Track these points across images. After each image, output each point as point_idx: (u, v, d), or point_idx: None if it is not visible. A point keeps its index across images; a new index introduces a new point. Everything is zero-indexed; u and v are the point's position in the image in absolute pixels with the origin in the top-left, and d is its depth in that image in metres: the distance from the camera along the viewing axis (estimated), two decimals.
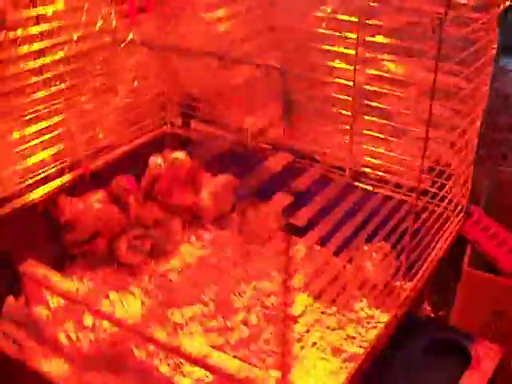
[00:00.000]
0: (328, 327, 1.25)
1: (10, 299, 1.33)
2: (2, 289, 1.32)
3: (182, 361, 1.13)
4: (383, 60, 1.22)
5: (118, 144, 1.54)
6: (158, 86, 1.60)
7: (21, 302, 1.33)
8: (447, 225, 1.23)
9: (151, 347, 1.17)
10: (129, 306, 1.31)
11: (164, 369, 1.15)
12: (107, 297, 1.34)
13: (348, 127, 1.33)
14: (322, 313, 1.28)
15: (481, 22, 1.03)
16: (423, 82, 1.18)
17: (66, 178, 1.42)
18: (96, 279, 1.39)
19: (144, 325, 1.12)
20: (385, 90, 1.23)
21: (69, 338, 1.24)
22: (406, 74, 1.21)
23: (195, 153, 1.55)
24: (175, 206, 1.49)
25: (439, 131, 1.20)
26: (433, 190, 1.22)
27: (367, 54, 1.23)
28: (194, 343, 1.01)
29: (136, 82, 1.53)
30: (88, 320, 1.27)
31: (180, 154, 1.55)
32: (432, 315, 1.84)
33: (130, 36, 1.44)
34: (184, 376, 1.13)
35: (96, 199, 1.40)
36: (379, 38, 1.21)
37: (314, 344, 1.21)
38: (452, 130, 1.18)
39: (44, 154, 1.37)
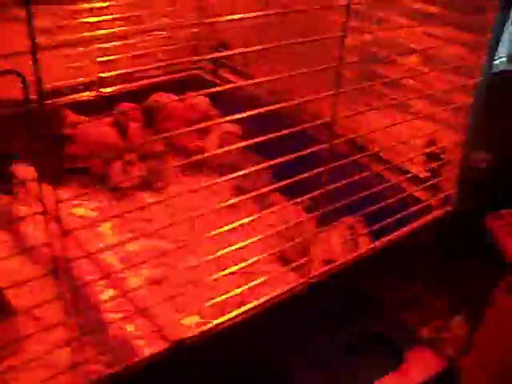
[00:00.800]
0: None
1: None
2: None
3: None
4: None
5: (143, 76, 1.56)
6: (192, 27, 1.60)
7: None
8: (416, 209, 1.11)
9: None
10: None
11: None
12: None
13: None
14: None
15: None
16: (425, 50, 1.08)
17: (79, 96, 1.47)
18: (84, 196, 1.43)
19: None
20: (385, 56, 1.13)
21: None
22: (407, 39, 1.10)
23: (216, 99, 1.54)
24: (179, 146, 1.49)
25: (436, 107, 1.09)
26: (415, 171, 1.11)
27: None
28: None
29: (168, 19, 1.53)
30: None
31: (200, 99, 1.54)
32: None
33: None
34: None
35: (100, 121, 1.44)
36: None
37: None
38: (447, 105, 1.06)
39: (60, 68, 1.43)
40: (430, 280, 1.25)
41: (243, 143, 0.94)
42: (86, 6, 1.40)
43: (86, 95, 1.45)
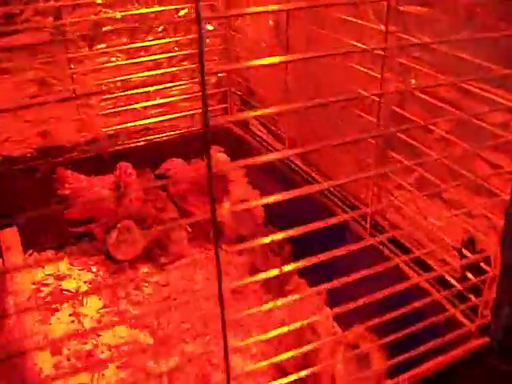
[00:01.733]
0: None
1: None
2: None
3: None
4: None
5: (158, 129, 1.38)
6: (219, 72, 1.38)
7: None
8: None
9: None
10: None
11: None
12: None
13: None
14: None
15: None
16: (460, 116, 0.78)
17: (85, 154, 1.32)
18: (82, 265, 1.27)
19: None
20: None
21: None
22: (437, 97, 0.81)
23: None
24: (188, 212, 1.29)
25: (472, 195, 0.78)
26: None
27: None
28: None
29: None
30: None
31: (220, 155, 1.32)
32: None
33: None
34: None
35: (101, 182, 1.27)
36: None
37: None
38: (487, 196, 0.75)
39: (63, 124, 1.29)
40: None
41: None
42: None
43: (92, 151, 1.30)
